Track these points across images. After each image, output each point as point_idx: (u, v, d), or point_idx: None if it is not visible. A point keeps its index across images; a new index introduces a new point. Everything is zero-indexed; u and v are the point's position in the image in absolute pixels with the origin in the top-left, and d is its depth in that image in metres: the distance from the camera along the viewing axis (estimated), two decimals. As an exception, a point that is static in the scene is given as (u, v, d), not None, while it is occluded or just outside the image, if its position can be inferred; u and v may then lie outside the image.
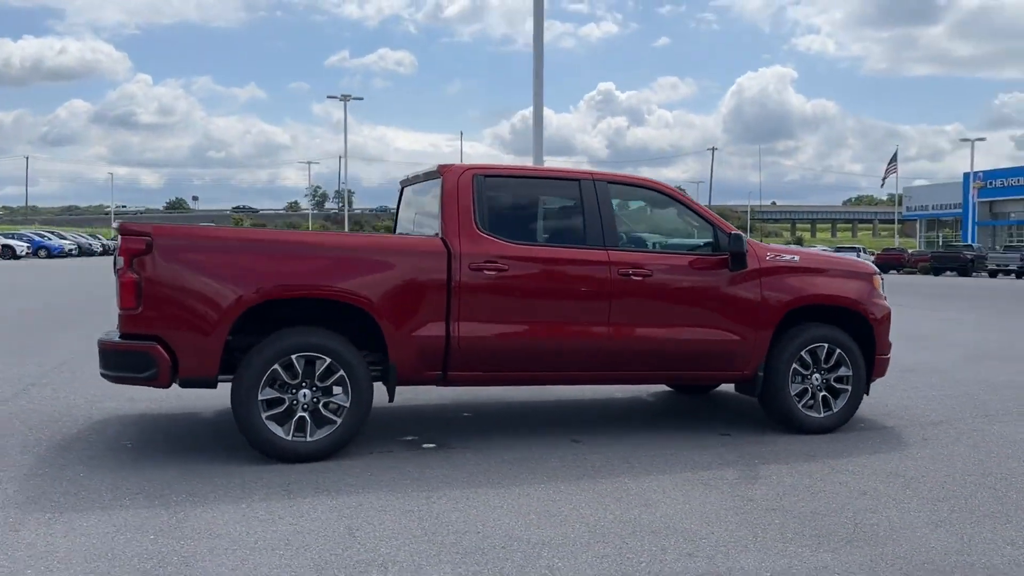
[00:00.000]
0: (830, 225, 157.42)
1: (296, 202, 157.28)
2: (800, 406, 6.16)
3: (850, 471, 5.23)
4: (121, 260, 4.96)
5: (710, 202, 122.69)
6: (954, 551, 3.90)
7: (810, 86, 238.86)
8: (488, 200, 5.67)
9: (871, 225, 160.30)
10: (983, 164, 71.09)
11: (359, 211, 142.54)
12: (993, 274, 43.68)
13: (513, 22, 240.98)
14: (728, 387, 7.08)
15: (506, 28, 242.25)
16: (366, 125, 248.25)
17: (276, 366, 5.09)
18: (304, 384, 5.16)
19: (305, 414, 5.16)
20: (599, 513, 4.35)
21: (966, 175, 71.35)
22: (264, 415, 5.08)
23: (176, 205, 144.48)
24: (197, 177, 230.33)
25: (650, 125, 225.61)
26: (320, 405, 5.18)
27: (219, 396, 6.33)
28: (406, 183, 6.86)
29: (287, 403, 5.14)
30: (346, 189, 54.69)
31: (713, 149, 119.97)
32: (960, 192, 72.36)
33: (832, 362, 6.22)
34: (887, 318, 6.45)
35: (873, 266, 6.73)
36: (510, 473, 5.05)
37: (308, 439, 5.15)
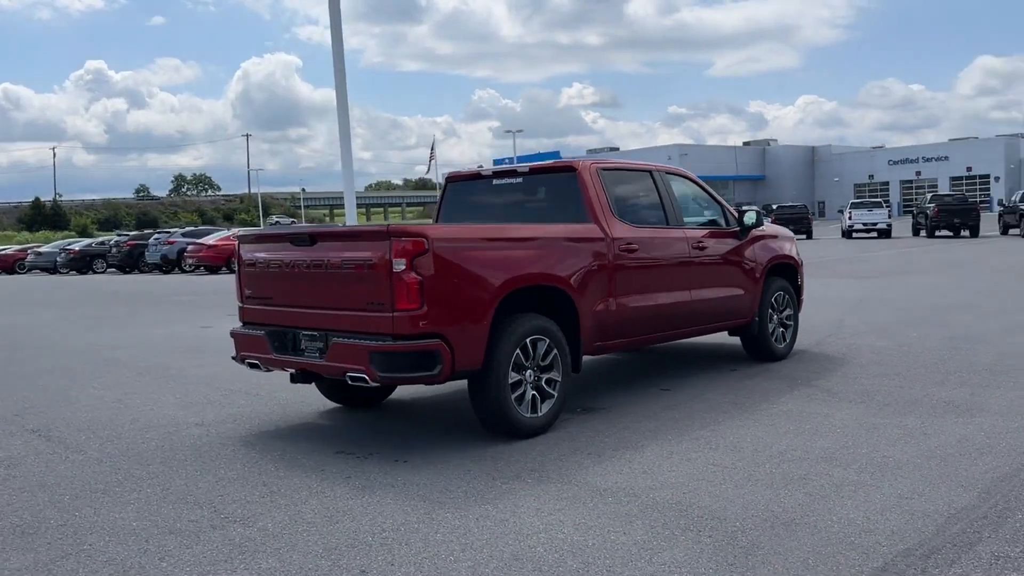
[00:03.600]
0: (366, 209, 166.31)
1: None
2: (773, 341, 8.15)
3: (869, 375, 7.31)
4: (402, 262, 4.95)
5: (249, 190, 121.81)
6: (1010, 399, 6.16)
7: (315, 75, 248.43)
8: (611, 190, 6.57)
9: (399, 208, 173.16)
10: (470, 153, 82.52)
11: None
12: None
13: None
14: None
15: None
16: None
17: (517, 350, 5.50)
18: (528, 364, 5.63)
19: (535, 392, 5.65)
20: (815, 424, 5.76)
21: (499, 160, 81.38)
22: (512, 396, 5.48)
23: None
24: None
25: (153, 109, 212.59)
26: (543, 382, 5.70)
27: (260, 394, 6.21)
28: (458, 177, 7.28)
29: (522, 384, 5.58)
30: None
31: (247, 136, 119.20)
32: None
33: (784, 305, 8.31)
34: (803, 268, 8.75)
35: (791, 232, 8.98)
36: (687, 416, 6.14)
37: (539, 415, 5.66)
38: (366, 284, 5.11)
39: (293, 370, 5.62)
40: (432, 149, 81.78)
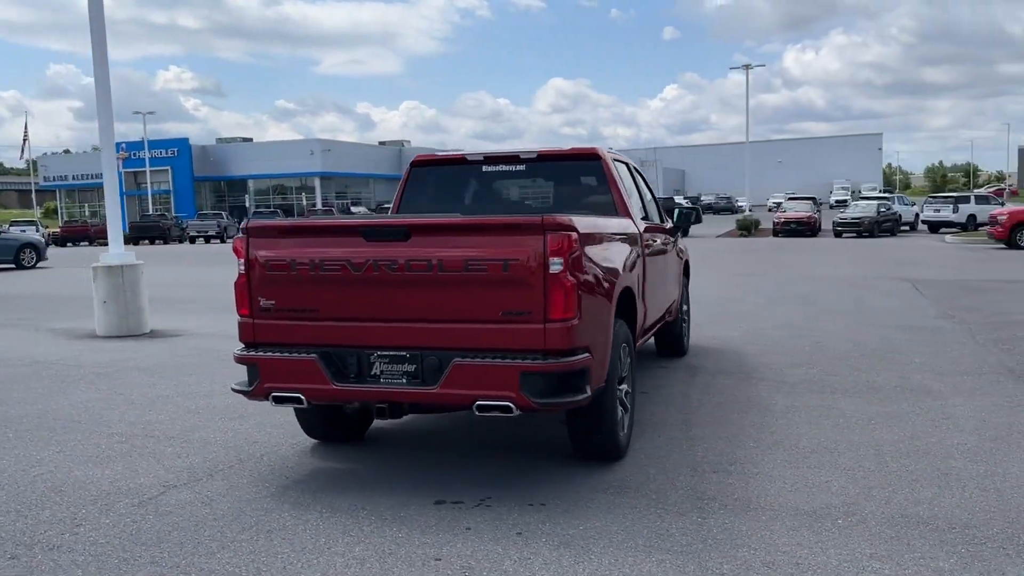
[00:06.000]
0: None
1: None
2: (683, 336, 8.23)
3: (785, 364, 7.65)
4: (559, 262, 4.01)
5: None
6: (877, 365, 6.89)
7: None
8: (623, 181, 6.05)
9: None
10: (46, 135, 74.70)
11: None
12: (193, 239, 47.24)
13: None
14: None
15: None
16: None
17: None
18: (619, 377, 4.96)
19: (621, 408, 5.00)
20: (847, 418, 5.87)
21: (116, 144, 72.91)
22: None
23: None
24: None
25: None
26: (623, 395, 5.07)
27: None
28: (428, 161, 6.18)
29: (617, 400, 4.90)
30: None
31: None
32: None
33: (684, 301, 8.43)
34: None
35: None
36: (720, 421, 5.92)
37: (624, 432, 5.02)
38: (503, 289, 4.07)
39: (378, 402, 4.29)
40: (26, 129, 70.86)
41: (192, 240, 47.19)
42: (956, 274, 17.01)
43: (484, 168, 6.06)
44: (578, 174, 5.96)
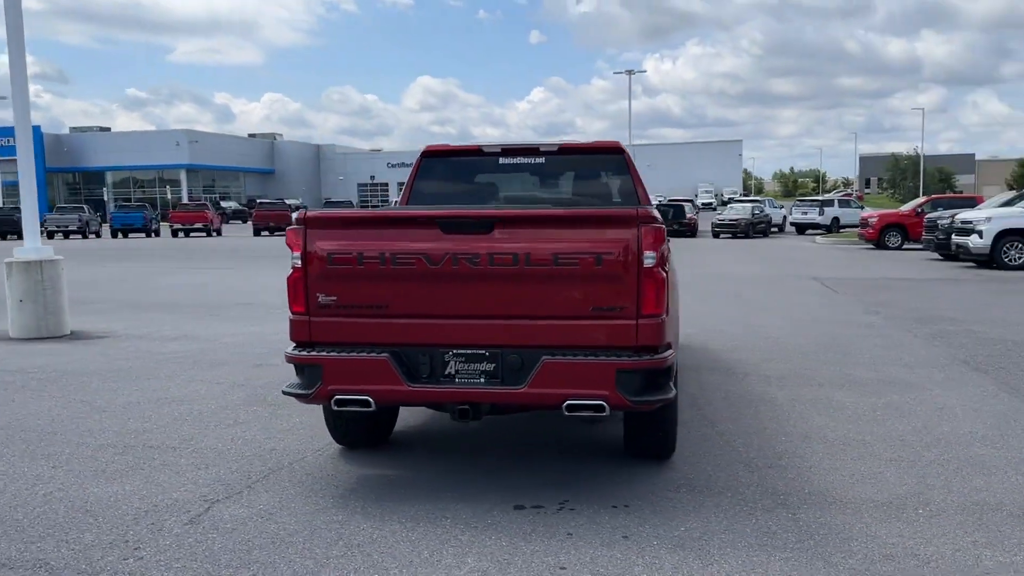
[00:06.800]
0: None
1: None
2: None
3: (761, 359, 7.85)
4: (652, 255, 3.90)
5: None
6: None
7: None
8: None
9: None
10: None
11: None
12: (52, 235, 44.07)
13: None
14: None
15: None
16: None
17: (669, 361, 4.77)
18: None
19: (669, 407, 4.95)
20: (853, 411, 6.05)
21: (-51, 132, 67.23)
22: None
23: None
24: None
25: None
26: (666, 394, 5.02)
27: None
28: (439, 152, 5.90)
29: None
30: None
31: None
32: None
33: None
34: None
35: None
36: (730, 418, 6.00)
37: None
38: (594, 284, 3.91)
39: (460, 404, 4.03)
40: None
41: (51, 235, 43.92)
42: (852, 273, 18.02)
43: (501, 160, 5.86)
44: (600, 168, 5.86)
